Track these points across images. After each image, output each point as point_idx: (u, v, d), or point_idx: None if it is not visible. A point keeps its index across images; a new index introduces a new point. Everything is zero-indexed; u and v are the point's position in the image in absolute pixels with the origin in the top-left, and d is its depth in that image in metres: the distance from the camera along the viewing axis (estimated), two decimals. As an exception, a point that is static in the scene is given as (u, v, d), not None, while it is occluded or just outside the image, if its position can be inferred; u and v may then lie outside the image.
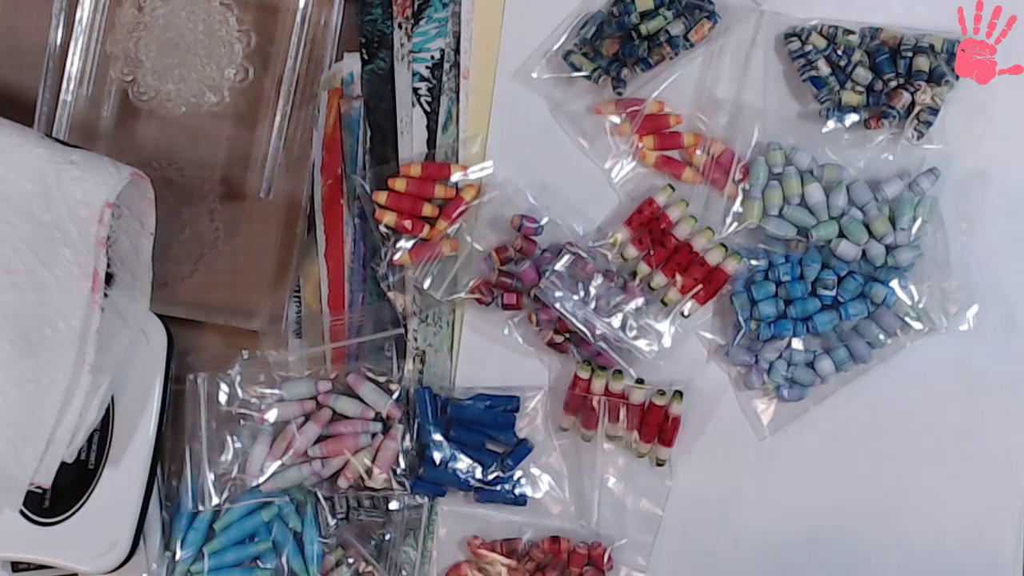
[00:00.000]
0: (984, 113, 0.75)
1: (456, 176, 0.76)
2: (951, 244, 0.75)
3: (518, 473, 0.75)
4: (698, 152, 0.76)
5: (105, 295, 0.67)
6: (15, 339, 0.67)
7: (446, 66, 0.77)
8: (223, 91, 0.74)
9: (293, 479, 0.74)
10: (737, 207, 0.75)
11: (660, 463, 0.75)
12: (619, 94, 0.75)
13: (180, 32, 0.73)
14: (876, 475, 0.76)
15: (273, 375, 0.75)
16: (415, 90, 0.77)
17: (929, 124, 0.74)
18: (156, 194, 0.70)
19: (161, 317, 0.73)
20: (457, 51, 0.77)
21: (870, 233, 0.74)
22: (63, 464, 0.68)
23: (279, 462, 0.74)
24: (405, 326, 0.76)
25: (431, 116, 0.77)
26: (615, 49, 0.75)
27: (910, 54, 0.74)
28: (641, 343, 0.75)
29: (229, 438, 0.74)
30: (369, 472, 0.74)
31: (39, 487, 0.68)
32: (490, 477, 0.75)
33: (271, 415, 0.74)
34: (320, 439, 0.74)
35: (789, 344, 0.74)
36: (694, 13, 0.74)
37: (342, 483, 0.74)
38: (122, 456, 0.72)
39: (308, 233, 0.77)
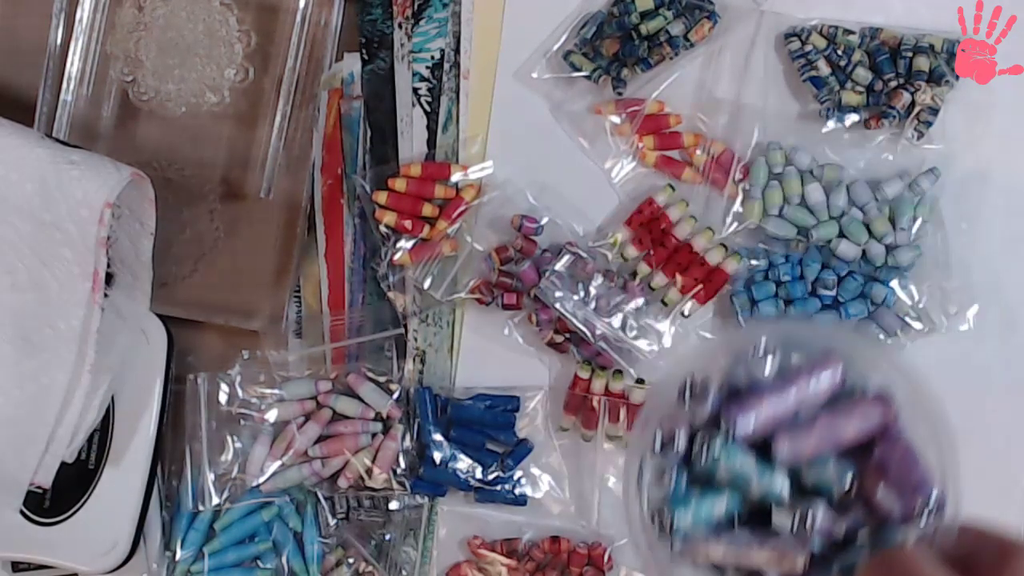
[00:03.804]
0: (984, 113, 0.75)
1: (456, 176, 0.76)
2: (951, 244, 0.75)
3: (518, 473, 0.76)
4: (698, 152, 0.76)
5: (105, 295, 0.67)
6: (16, 339, 0.67)
7: (446, 66, 0.77)
8: (223, 91, 0.74)
9: (293, 479, 0.74)
10: (737, 207, 0.75)
11: (660, 463, 0.75)
12: (619, 94, 0.75)
13: (180, 32, 0.73)
14: (876, 475, 0.76)
15: (273, 375, 0.75)
16: (415, 90, 0.77)
17: (929, 124, 0.74)
18: (156, 194, 0.70)
19: (161, 317, 0.73)
20: (457, 51, 0.77)
21: (870, 233, 0.74)
22: (63, 464, 0.68)
23: (279, 462, 0.74)
24: (405, 326, 0.76)
25: (431, 116, 0.77)
26: (615, 49, 0.75)
27: (910, 54, 0.74)
28: (641, 343, 0.75)
29: (229, 438, 0.74)
30: (369, 472, 0.74)
31: (39, 487, 0.68)
32: (490, 477, 0.75)
33: (271, 415, 0.74)
34: (320, 439, 0.74)
35: (789, 344, 0.74)
36: (694, 13, 0.74)
37: (342, 483, 0.74)
38: (122, 456, 0.72)
39: (308, 233, 0.77)
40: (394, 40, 0.77)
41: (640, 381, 0.75)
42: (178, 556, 0.75)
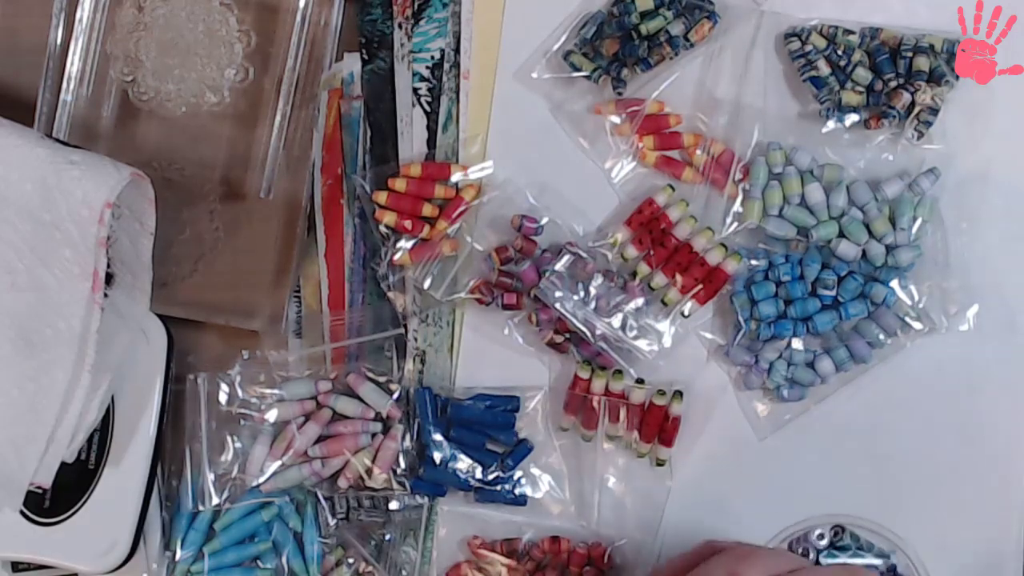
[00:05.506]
0: (984, 113, 0.76)
1: (456, 176, 0.76)
2: (951, 244, 0.75)
3: (518, 473, 0.75)
4: (698, 152, 0.76)
5: (105, 295, 0.67)
6: (15, 339, 0.67)
7: (446, 66, 0.77)
8: (223, 91, 0.74)
9: (293, 479, 0.74)
10: (737, 207, 0.75)
11: (660, 463, 0.75)
12: (619, 94, 0.75)
13: (180, 32, 0.73)
14: (876, 475, 0.76)
15: (273, 375, 0.75)
16: (415, 90, 0.77)
17: (929, 124, 0.74)
18: (156, 194, 0.70)
19: (161, 317, 0.73)
20: (457, 51, 0.77)
21: (870, 233, 0.74)
22: (63, 464, 0.68)
23: (279, 462, 0.74)
24: (405, 326, 0.76)
25: (431, 116, 0.77)
26: (615, 49, 0.75)
27: (910, 54, 0.74)
28: (641, 343, 0.75)
29: (229, 438, 0.74)
30: (369, 472, 0.74)
31: (39, 487, 0.68)
32: (490, 477, 0.75)
33: (271, 415, 0.74)
34: (320, 439, 0.74)
35: (789, 344, 0.75)
36: (694, 13, 0.74)
37: (342, 483, 0.74)
38: (122, 456, 0.72)
39: (308, 233, 0.77)
40: (394, 40, 0.77)
41: (640, 381, 0.75)
42: (178, 556, 0.75)
